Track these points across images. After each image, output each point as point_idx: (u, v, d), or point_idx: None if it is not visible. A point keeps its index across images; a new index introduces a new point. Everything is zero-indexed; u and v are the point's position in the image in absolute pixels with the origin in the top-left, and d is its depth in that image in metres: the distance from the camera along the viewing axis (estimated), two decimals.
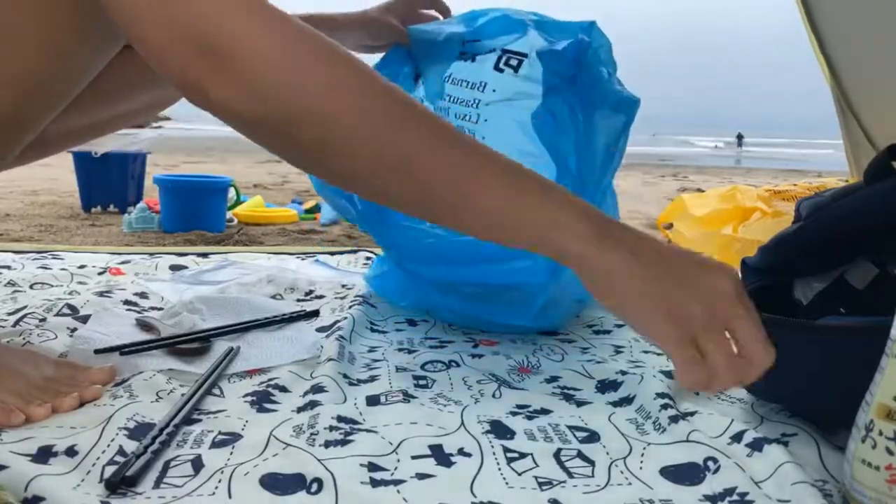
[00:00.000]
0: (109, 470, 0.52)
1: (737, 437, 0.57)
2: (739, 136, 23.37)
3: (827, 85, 1.69)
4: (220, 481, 0.51)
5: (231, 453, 0.55)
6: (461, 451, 0.57)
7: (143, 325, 0.85)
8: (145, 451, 0.53)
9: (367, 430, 0.59)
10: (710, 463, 0.55)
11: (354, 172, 0.53)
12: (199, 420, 0.61)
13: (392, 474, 0.53)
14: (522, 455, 0.57)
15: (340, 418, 0.61)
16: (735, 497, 0.51)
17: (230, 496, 0.50)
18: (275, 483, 0.51)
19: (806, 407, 0.62)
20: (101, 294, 0.97)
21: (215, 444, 0.57)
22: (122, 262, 1.24)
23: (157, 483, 0.51)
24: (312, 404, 0.64)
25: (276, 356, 0.77)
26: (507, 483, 0.53)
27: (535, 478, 0.54)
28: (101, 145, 2.16)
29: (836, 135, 1.74)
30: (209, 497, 0.49)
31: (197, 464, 0.53)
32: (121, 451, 0.54)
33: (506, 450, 0.57)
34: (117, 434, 0.56)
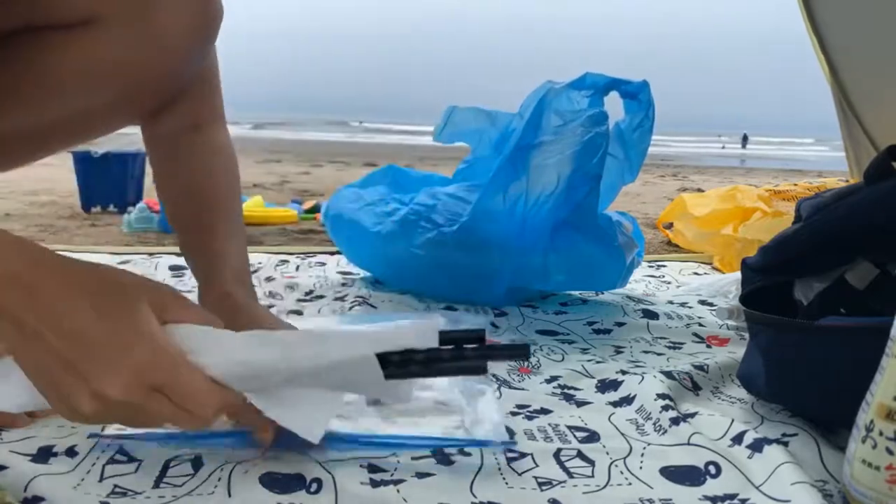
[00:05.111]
0: (110, 469, 0.52)
1: (737, 439, 0.57)
2: (745, 137, 23.42)
3: (828, 84, 1.69)
4: (219, 479, 0.51)
5: (229, 460, 0.55)
6: (461, 451, 0.57)
7: None
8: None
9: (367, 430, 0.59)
10: (711, 467, 0.55)
11: None
12: None
13: (392, 474, 0.53)
14: (522, 455, 0.57)
15: (340, 416, 0.61)
16: (736, 502, 0.51)
17: (230, 495, 0.49)
18: (274, 482, 0.51)
19: (806, 407, 0.62)
20: None
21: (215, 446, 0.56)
22: (122, 263, 1.24)
23: (157, 483, 0.51)
24: None
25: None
26: (506, 483, 0.53)
27: (535, 478, 0.53)
28: (100, 145, 2.16)
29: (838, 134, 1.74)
30: (209, 496, 0.49)
31: (196, 463, 0.53)
32: (121, 451, 0.54)
33: (506, 450, 0.57)
34: (118, 432, 0.56)
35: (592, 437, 0.61)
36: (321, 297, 1.05)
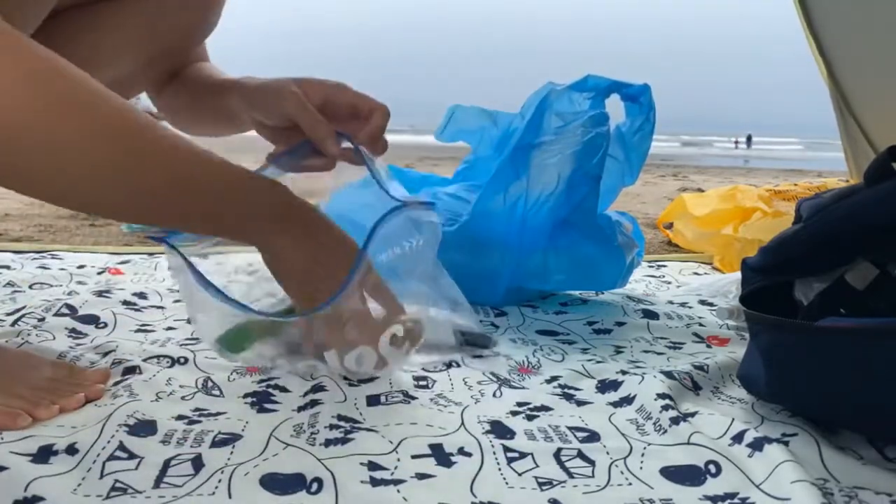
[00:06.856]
0: (110, 467, 0.52)
1: (738, 438, 0.57)
2: (749, 138, 23.51)
3: (825, 85, 1.69)
4: (220, 481, 0.51)
5: (231, 453, 0.55)
6: (461, 451, 0.57)
7: None
8: None
9: (368, 430, 0.60)
10: (711, 466, 0.55)
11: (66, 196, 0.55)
12: (199, 421, 0.61)
13: (392, 474, 0.53)
14: (522, 455, 0.57)
15: (340, 417, 0.61)
16: (737, 501, 0.51)
17: (230, 496, 0.49)
18: (275, 483, 0.51)
19: (806, 407, 0.62)
20: (99, 294, 0.97)
21: (215, 444, 0.57)
22: (122, 263, 1.24)
23: (157, 483, 0.51)
24: (313, 403, 0.64)
25: None
26: (507, 483, 0.53)
27: (536, 478, 0.53)
28: None
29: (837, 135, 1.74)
30: (209, 497, 0.49)
31: (197, 463, 0.53)
32: (121, 447, 0.54)
33: (506, 449, 0.57)
34: (117, 431, 0.56)
35: (593, 437, 0.61)
36: None
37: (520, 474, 0.54)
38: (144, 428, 0.58)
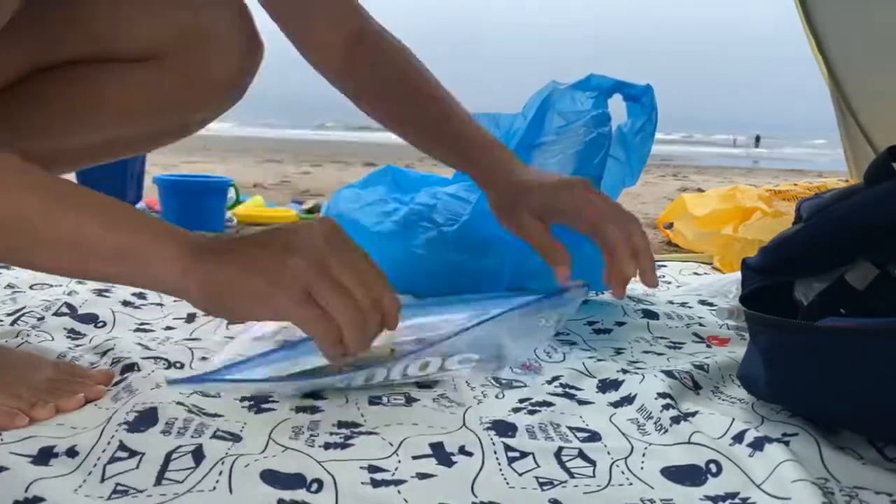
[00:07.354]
0: (111, 469, 0.52)
1: (738, 438, 0.57)
2: (757, 138, 23.49)
3: (826, 85, 1.69)
4: (220, 473, 0.51)
5: (230, 452, 0.55)
6: (462, 450, 0.57)
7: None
8: None
9: (368, 433, 0.59)
10: (711, 466, 0.55)
11: None
12: (199, 415, 0.61)
13: (392, 474, 0.53)
14: (523, 455, 0.57)
15: (341, 423, 0.61)
16: (737, 501, 0.51)
17: (231, 491, 0.49)
18: (275, 479, 0.51)
19: (806, 407, 0.62)
20: (99, 293, 0.97)
21: (216, 437, 0.56)
22: None
23: (159, 479, 0.51)
24: (313, 410, 0.63)
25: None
26: (507, 483, 0.53)
27: (536, 478, 0.53)
28: None
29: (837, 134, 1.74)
30: (210, 493, 0.49)
31: (198, 455, 0.53)
32: (122, 447, 0.54)
33: (507, 448, 0.57)
34: (117, 430, 0.56)
35: (594, 436, 0.61)
36: None
37: (520, 474, 0.54)
38: (144, 420, 0.57)
